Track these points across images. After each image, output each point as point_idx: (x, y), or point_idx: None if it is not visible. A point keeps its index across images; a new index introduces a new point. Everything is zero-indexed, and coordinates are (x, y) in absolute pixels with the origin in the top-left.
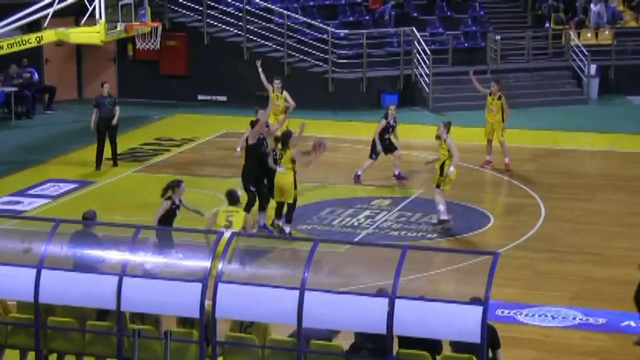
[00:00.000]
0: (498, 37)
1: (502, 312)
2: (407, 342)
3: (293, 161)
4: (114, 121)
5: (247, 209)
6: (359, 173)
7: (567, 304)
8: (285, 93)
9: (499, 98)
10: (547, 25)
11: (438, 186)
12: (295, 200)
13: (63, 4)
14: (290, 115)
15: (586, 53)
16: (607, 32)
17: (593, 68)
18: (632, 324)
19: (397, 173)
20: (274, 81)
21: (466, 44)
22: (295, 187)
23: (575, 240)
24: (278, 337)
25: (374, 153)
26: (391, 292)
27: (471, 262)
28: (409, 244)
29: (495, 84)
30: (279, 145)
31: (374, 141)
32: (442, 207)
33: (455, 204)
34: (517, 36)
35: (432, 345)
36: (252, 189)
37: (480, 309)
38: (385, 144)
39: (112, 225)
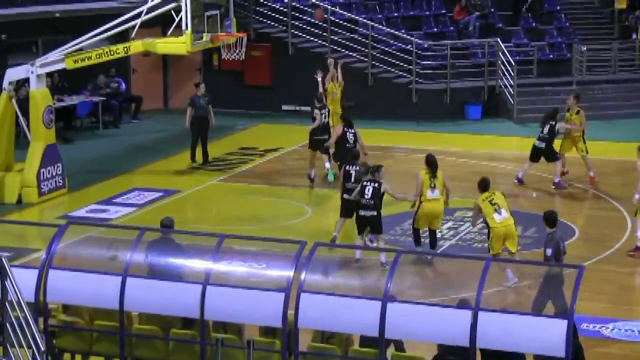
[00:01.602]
0: (584, 48)
1: (587, 326)
2: (489, 355)
3: (444, 185)
4: (212, 121)
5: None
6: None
7: None
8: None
9: (577, 112)
10: (634, 36)
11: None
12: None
13: (150, 15)
14: (373, 125)
15: None
16: None
17: None
18: None
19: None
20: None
21: (551, 55)
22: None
23: None
24: (360, 348)
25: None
26: (474, 304)
27: None
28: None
29: (573, 99)
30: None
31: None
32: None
33: (540, 216)
34: (604, 47)
35: (515, 359)
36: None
37: (565, 322)
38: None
39: (196, 234)
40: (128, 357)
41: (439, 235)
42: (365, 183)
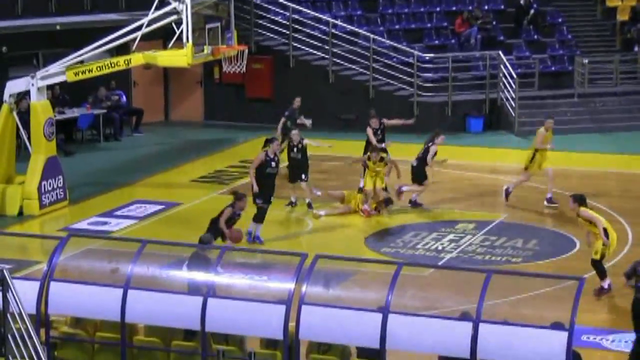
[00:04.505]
0: (586, 61)
1: (588, 337)
2: None
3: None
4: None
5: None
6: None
7: None
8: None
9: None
10: (635, 49)
11: None
12: None
13: (151, 28)
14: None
15: None
16: None
17: None
18: None
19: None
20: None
21: (553, 68)
22: None
23: None
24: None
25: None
26: (475, 316)
27: (557, 287)
28: (494, 268)
29: (550, 121)
30: None
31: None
32: None
33: (541, 229)
34: (605, 60)
35: None
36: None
37: (565, 334)
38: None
39: (197, 247)
40: None
41: (440, 247)
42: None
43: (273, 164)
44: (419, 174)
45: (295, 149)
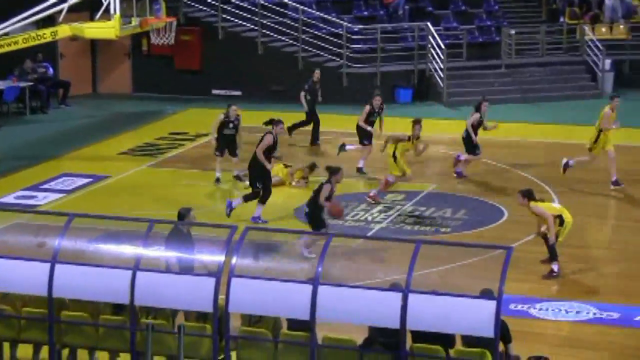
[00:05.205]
0: (513, 32)
1: (516, 306)
2: (420, 336)
3: None
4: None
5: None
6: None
7: (582, 299)
8: None
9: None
10: (561, 19)
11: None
12: None
13: None
14: (303, 109)
15: (601, 48)
16: (621, 27)
17: (607, 63)
18: None
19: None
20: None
21: (480, 39)
22: None
23: (589, 235)
24: (290, 332)
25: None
26: (404, 287)
27: (485, 256)
28: (423, 238)
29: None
30: None
31: None
32: None
33: (469, 198)
34: (532, 31)
35: (445, 340)
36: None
37: (493, 303)
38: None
39: (125, 219)
40: (57, 344)
41: (369, 218)
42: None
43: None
44: (468, 145)
45: (230, 125)
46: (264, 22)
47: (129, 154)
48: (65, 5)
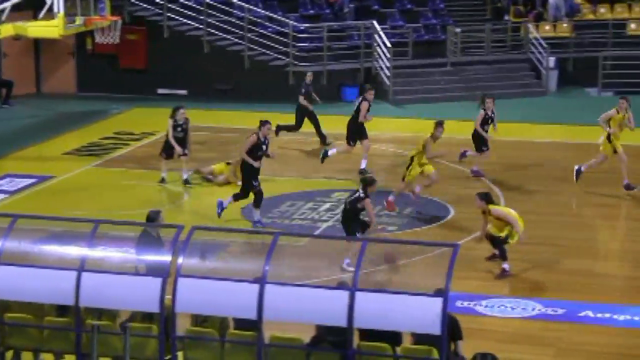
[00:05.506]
0: (458, 30)
1: (462, 303)
2: (367, 334)
3: None
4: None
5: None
6: (475, 168)
7: (527, 295)
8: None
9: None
10: (506, 18)
11: None
12: None
13: None
14: (249, 108)
15: (545, 45)
16: (565, 25)
17: (552, 60)
18: (590, 313)
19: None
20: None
21: (426, 37)
22: None
23: (533, 232)
24: (238, 331)
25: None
26: (351, 285)
27: (431, 254)
28: (369, 236)
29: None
30: None
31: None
32: None
33: (416, 197)
34: (477, 29)
35: (392, 337)
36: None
37: (440, 300)
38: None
39: (70, 220)
40: (1, 346)
41: (316, 217)
42: None
43: (264, 147)
44: (476, 142)
45: (179, 128)
46: (210, 20)
47: (74, 154)
48: (8, 4)
